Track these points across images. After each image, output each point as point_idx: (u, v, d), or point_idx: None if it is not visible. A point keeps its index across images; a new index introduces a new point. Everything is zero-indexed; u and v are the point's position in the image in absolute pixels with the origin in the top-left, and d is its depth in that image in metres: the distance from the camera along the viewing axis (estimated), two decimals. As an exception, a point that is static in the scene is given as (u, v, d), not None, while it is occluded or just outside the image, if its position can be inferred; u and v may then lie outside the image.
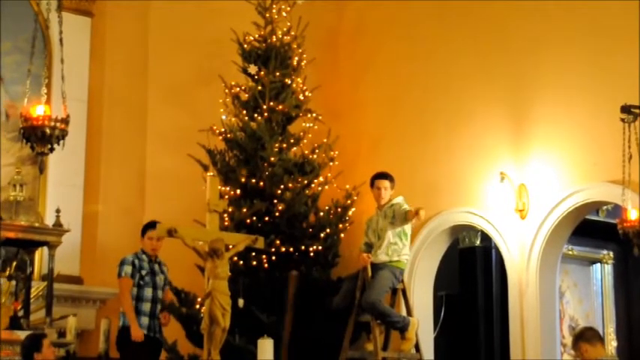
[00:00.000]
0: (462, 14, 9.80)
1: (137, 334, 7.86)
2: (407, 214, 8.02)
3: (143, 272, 8.00)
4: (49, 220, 9.28)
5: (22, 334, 8.00)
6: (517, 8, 9.30)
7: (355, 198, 9.86)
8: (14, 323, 8.36)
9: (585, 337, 6.20)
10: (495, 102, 9.39)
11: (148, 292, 8.04)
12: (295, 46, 10.21)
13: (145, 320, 7.95)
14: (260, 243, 7.60)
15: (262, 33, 10.18)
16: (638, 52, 8.20)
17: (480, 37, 9.61)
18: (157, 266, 8.15)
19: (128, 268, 7.95)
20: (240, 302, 8.18)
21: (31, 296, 8.86)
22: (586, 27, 8.73)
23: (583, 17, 8.76)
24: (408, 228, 8.27)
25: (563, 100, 8.84)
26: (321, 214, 9.84)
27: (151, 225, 8.06)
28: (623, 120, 7.45)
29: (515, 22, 9.31)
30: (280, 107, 9.91)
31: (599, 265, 12.10)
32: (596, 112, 8.51)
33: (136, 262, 8.02)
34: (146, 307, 8.02)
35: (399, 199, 8.32)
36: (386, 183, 8.37)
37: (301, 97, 10.13)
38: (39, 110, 5.73)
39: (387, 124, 10.44)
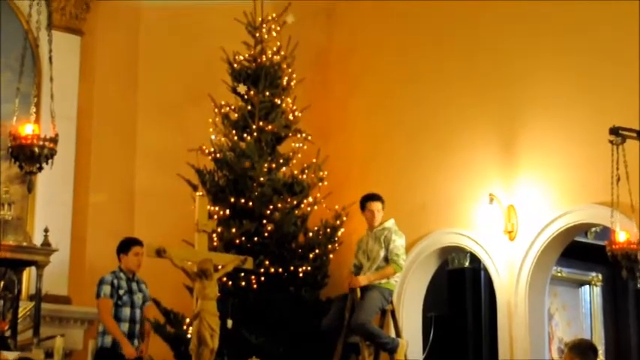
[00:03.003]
0: (453, 37, 9.82)
1: (130, 351, 7.73)
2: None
3: (121, 292, 7.81)
4: (38, 240, 9.24)
5: (9, 355, 7.95)
6: (507, 33, 9.33)
7: (344, 218, 9.85)
8: (1, 343, 8.31)
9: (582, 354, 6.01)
10: (485, 124, 9.40)
11: (126, 311, 7.83)
12: (285, 66, 10.22)
13: None
14: (249, 263, 7.57)
15: (252, 52, 10.19)
16: (626, 75, 8.24)
17: (470, 60, 9.62)
18: (134, 284, 7.95)
19: (107, 288, 7.78)
20: (229, 323, 8.15)
21: (19, 316, 8.80)
22: (574, 51, 8.76)
23: (572, 42, 8.79)
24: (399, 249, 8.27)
25: (551, 122, 8.86)
26: (311, 234, 9.82)
27: (135, 241, 7.97)
28: (611, 142, 7.44)
29: (506, 46, 9.32)
30: (270, 127, 9.91)
31: (587, 287, 12.08)
32: (584, 134, 8.53)
33: (115, 281, 7.82)
34: (124, 327, 7.79)
35: (389, 224, 8.30)
36: (379, 205, 8.38)
37: (291, 117, 10.13)
38: (28, 129, 5.72)
39: (376, 145, 10.44)
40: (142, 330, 7.96)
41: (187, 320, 8.95)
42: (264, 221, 9.53)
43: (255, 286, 9.31)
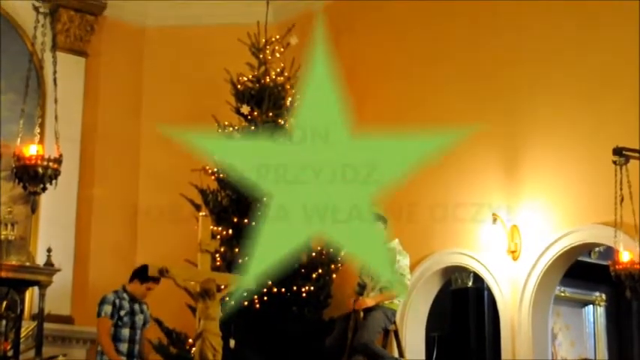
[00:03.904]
0: (456, 59, 9.84)
1: None
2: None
3: (122, 312, 7.72)
4: (41, 260, 9.24)
5: (11, 375, 7.95)
6: (509, 54, 9.35)
7: (348, 238, 9.83)
8: (4, 363, 8.31)
9: None
10: (488, 144, 9.39)
11: (126, 332, 7.73)
12: (288, 87, 10.25)
13: None
14: (252, 283, 7.56)
15: (256, 73, 10.22)
16: (628, 96, 8.26)
17: (473, 82, 9.65)
18: (136, 306, 7.86)
19: (108, 308, 7.69)
20: (232, 343, 8.13)
21: (21, 336, 8.79)
22: (576, 73, 8.78)
23: (574, 63, 8.81)
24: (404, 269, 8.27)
25: (554, 142, 8.87)
26: (313, 254, 9.81)
27: (156, 279, 7.81)
28: (615, 162, 7.46)
29: (508, 68, 9.35)
30: (273, 147, 9.91)
31: (591, 306, 12.08)
32: (587, 155, 8.54)
33: (117, 301, 7.72)
34: (123, 347, 7.71)
35: (394, 244, 8.29)
36: (380, 225, 8.36)
37: (294, 137, 10.13)
38: (32, 150, 5.75)
39: (379, 165, 10.42)
40: (141, 350, 7.94)
41: (190, 340, 8.94)
42: (267, 241, 9.51)
43: (257, 305, 9.30)
